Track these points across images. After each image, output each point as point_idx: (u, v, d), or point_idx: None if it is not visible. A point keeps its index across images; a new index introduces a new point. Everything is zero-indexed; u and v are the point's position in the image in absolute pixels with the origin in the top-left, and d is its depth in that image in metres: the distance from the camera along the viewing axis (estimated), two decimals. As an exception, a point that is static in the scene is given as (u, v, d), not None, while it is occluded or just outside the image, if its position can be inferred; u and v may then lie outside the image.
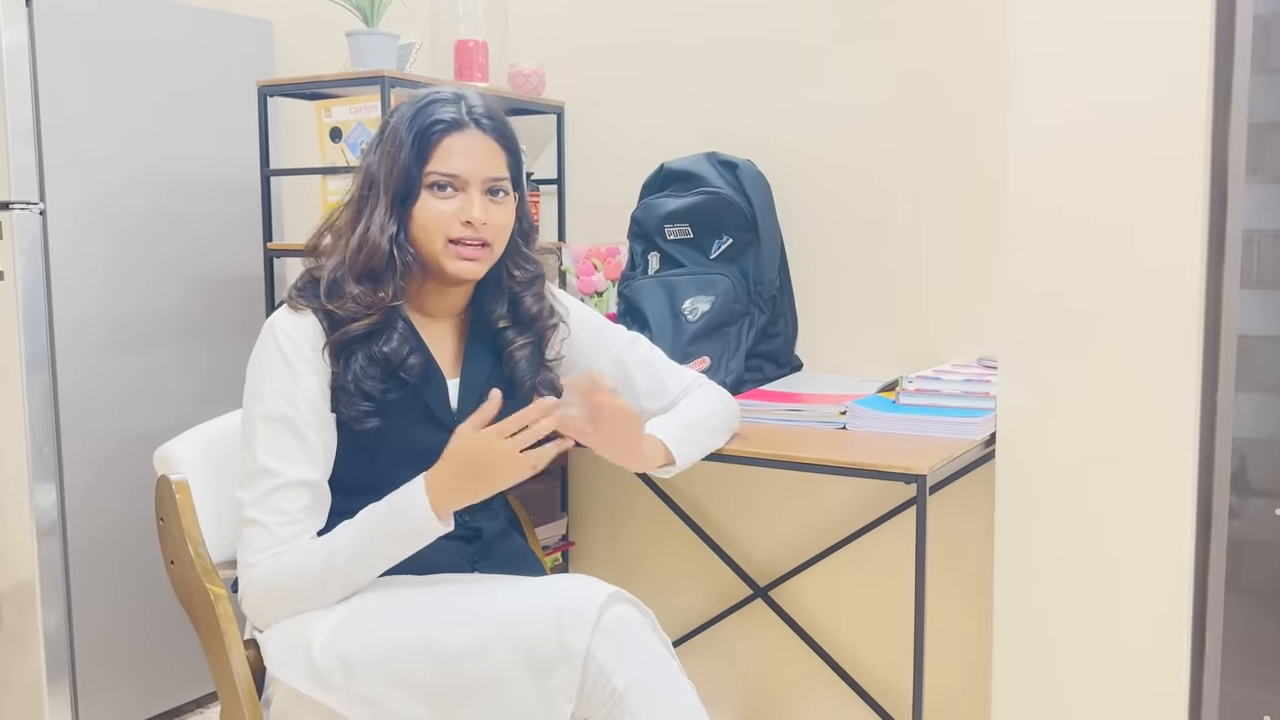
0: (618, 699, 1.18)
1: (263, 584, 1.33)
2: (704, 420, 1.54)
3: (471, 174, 1.38)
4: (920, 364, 2.01)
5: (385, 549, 1.31)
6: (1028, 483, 1.56)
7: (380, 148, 1.39)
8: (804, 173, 2.12)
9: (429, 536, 1.31)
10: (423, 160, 1.37)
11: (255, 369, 1.38)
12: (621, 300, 2.10)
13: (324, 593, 1.33)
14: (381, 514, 1.32)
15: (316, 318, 1.37)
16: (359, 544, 1.31)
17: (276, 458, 1.33)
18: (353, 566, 1.31)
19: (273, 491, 1.33)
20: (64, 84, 2.13)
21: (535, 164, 2.45)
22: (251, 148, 2.43)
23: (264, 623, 1.37)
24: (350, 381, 1.36)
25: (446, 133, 1.37)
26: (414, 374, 1.39)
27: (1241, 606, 1.57)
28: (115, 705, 2.27)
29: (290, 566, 1.32)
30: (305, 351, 1.36)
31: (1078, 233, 1.50)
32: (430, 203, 1.38)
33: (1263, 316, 1.53)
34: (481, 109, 1.41)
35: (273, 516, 1.33)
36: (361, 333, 1.36)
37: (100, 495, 2.23)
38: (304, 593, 1.33)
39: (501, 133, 1.42)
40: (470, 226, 1.37)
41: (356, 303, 1.36)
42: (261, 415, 1.35)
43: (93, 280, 2.20)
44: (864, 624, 2.15)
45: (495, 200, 1.41)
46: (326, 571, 1.31)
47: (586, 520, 2.44)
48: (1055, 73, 1.49)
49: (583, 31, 2.34)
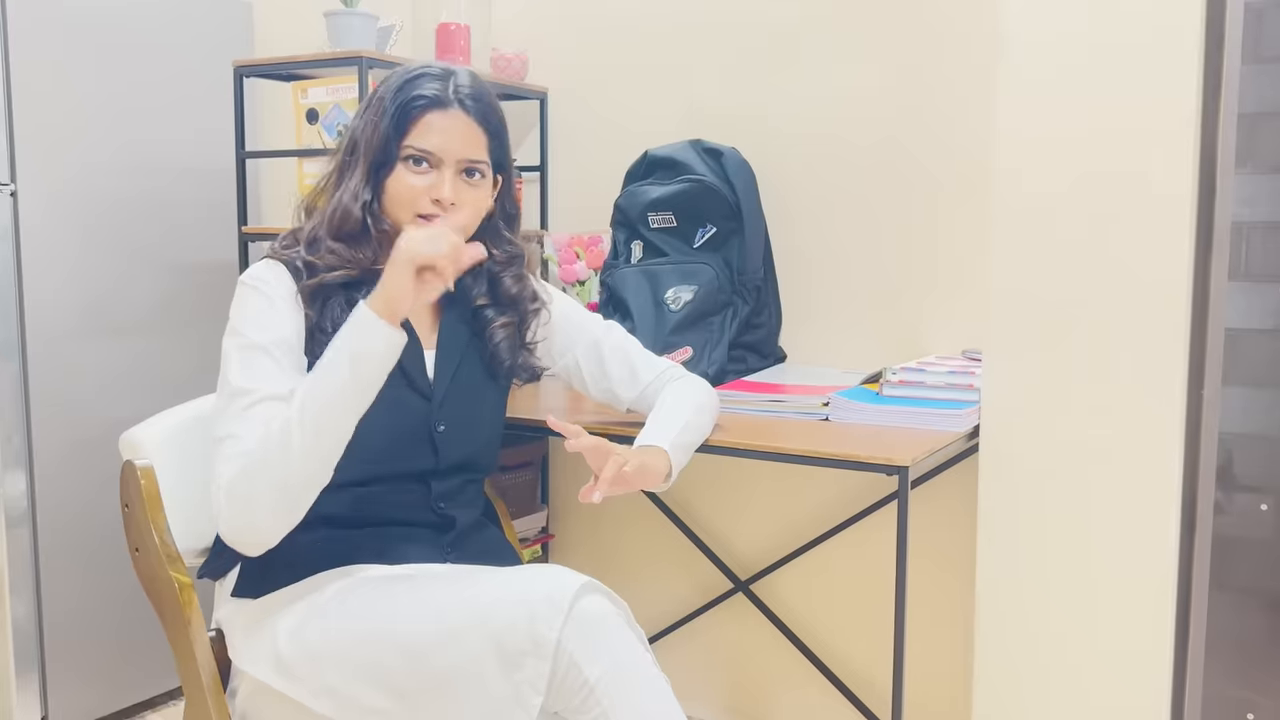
0: (589, 691, 1.16)
1: (232, 483, 1.23)
2: (695, 419, 1.52)
3: (447, 153, 1.37)
4: (904, 356, 1.99)
5: (341, 373, 1.23)
6: (1011, 476, 1.54)
7: (366, 113, 1.40)
8: (789, 162, 2.11)
9: (375, 342, 1.23)
10: (401, 132, 1.36)
11: (233, 312, 1.35)
12: (604, 289, 2.08)
13: (301, 465, 1.22)
14: (332, 344, 1.26)
15: (294, 267, 1.37)
16: (316, 382, 1.24)
17: (251, 379, 1.28)
18: (317, 412, 1.22)
19: (248, 408, 1.26)
20: (36, 63, 2.09)
21: (518, 150, 2.42)
22: (227, 129, 2.39)
23: (248, 534, 1.25)
24: (329, 322, 1.34)
25: (428, 109, 1.37)
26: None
27: (1226, 603, 1.56)
28: (85, 697, 2.24)
29: (257, 450, 1.23)
30: (282, 292, 1.35)
31: (1064, 224, 1.48)
32: (403, 175, 1.37)
33: (1250, 309, 1.51)
34: (468, 89, 1.40)
35: (244, 427, 1.25)
36: (340, 281, 1.36)
37: (71, 484, 2.19)
38: (274, 464, 1.22)
39: (485, 115, 1.41)
40: (439, 205, 1.37)
41: (335, 255, 1.37)
42: (236, 347, 1.30)
43: (64, 264, 2.16)
44: (845, 618, 2.13)
45: (469, 181, 1.39)
46: (296, 433, 1.21)
47: (566, 512, 2.42)
48: (1044, 63, 1.48)
49: (566, 17, 2.32)
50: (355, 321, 1.25)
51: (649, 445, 1.43)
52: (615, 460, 1.32)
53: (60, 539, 2.18)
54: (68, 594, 2.19)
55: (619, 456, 1.33)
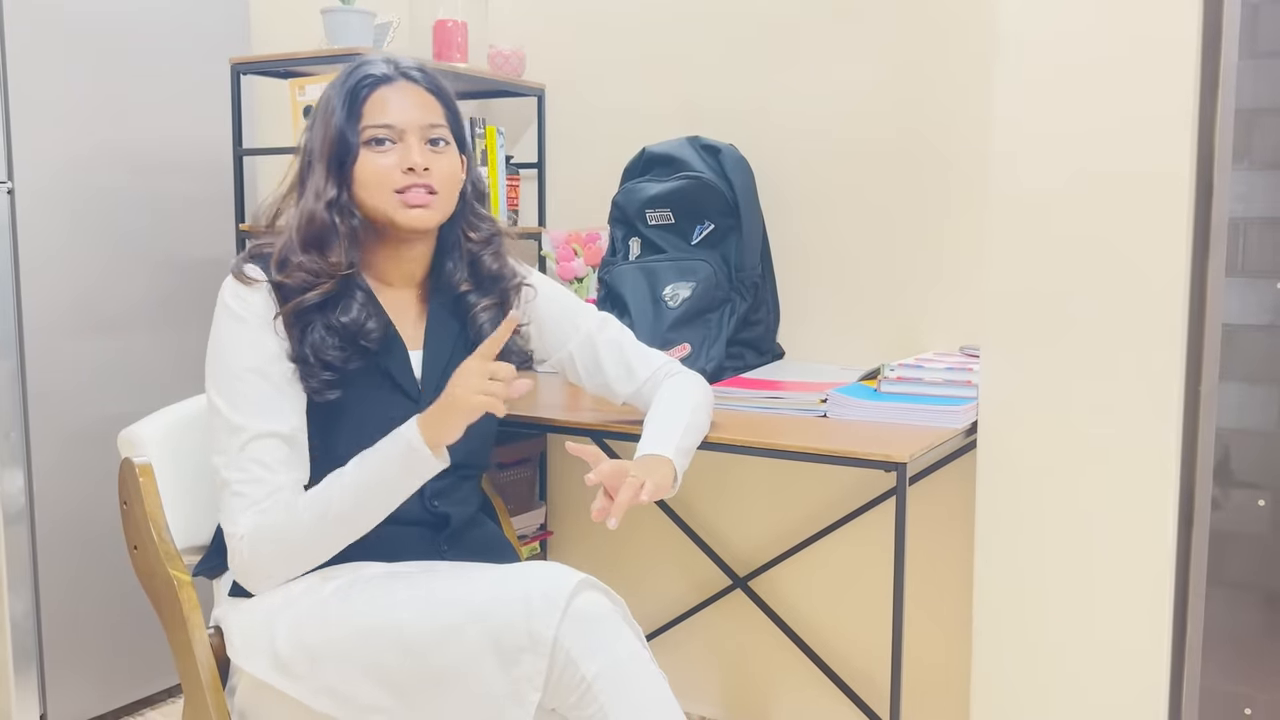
0: (586, 688, 1.16)
1: (253, 548, 1.29)
2: (694, 419, 1.52)
3: (407, 122, 1.36)
4: (902, 352, 1.99)
5: (378, 490, 1.29)
6: (1009, 472, 1.54)
7: (315, 122, 1.39)
8: (787, 159, 2.10)
9: (420, 469, 1.28)
10: (355, 117, 1.35)
11: (212, 342, 1.36)
12: (602, 286, 2.07)
13: (319, 547, 1.30)
14: (373, 454, 1.29)
15: (267, 290, 1.35)
16: (351, 491, 1.28)
17: (241, 413, 1.30)
18: (348, 515, 1.28)
19: (243, 447, 1.29)
20: (33, 59, 2.08)
21: (515, 147, 2.41)
22: (224, 126, 2.39)
23: (260, 588, 1.33)
24: (310, 352, 1.33)
25: (375, 86, 1.37)
26: (374, 340, 1.36)
27: (1223, 598, 1.56)
28: (84, 695, 2.24)
29: (279, 525, 1.29)
30: (263, 317, 1.34)
31: (1062, 220, 1.48)
32: (369, 159, 1.36)
33: (1247, 305, 1.51)
34: (413, 64, 1.41)
35: (246, 474, 1.29)
36: (316, 302, 1.34)
37: (68, 481, 2.19)
38: (298, 550, 1.30)
39: (435, 85, 1.41)
40: (413, 173, 1.35)
41: (305, 270, 1.34)
42: (223, 376, 1.32)
43: (62, 261, 2.15)
44: (843, 614, 2.13)
45: (436, 149, 1.39)
46: (319, 525, 1.28)
47: (565, 509, 2.42)
48: (1040, 59, 1.47)
49: (564, 13, 2.31)
50: (401, 441, 1.28)
51: (654, 454, 1.42)
52: (631, 486, 1.30)
53: (58, 536, 2.17)
54: (66, 592, 2.19)
55: (635, 479, 1.32)
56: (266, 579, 1.32)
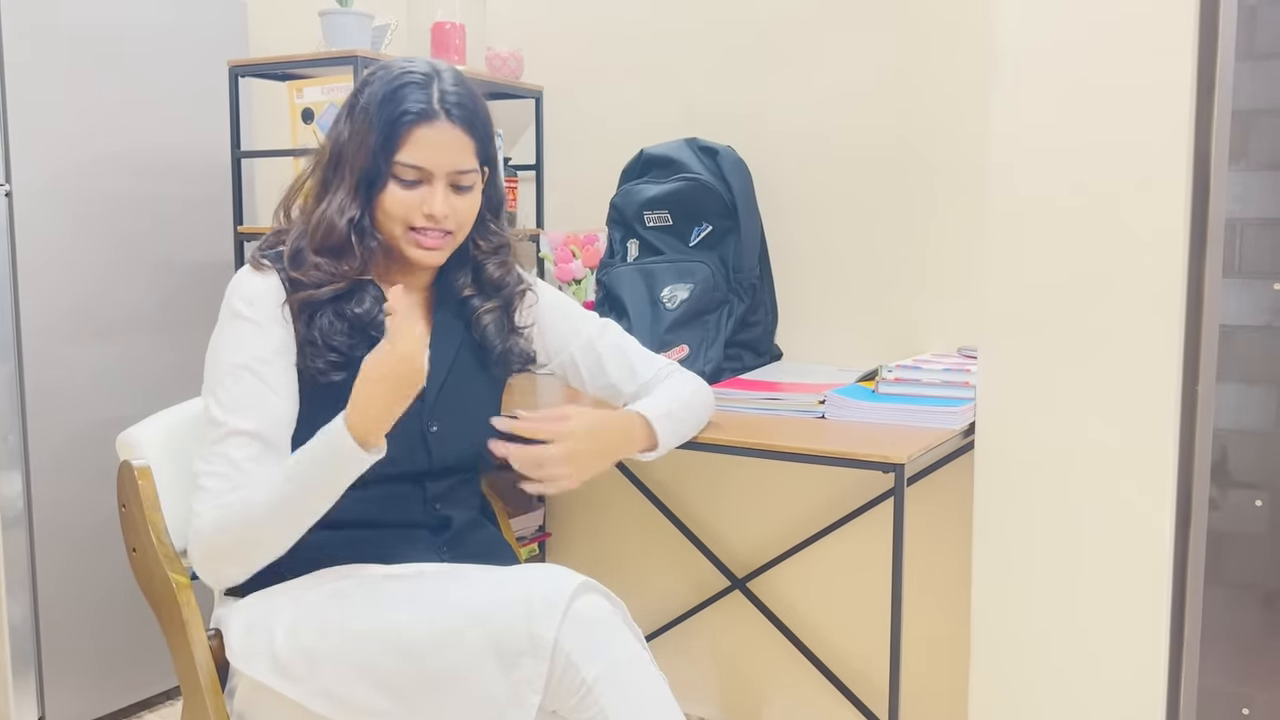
0: (587, 690, 1.16)
1: (205, 535, 1.29)
2: (688, 401, 1.53)
3: (437, 167, 1.36)
4: (900, 353, 1.99)
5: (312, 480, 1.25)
6: (1007, 473, 1.54)
7: (351, 123, 1.38)
8: (785, 160, 2.11)
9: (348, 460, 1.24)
10: (390, 150, 1.35)
11: (217, 331, 1.37)
12: (600, 288, 2.08)
13: (266, 538, 1.28)
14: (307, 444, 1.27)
15: (280, 278, 1.37)
16: (289, 482, 1.26)
17: (224, 408, 1.31)
18: (288, 504, 1.26)
19: (218, 442, 1.31)
20: (31, 62, 2.08)
21: (513, 149, 2.41)
22: (223, 129, 2.39)
23: (214, 579, 1.33)
24: (317, 334, 1.35)
25: (415, 124, 1.35)
26: (383, 331, 1.36)
27: (1221, 598, 1.56)
28: (82, 697, 2.24)
29: (233, 513, 1.28)
30: (269, 308, 1.35)
31: (1059, 222, 1.48)
32: (396, 192, 1.36)
33: (1244, 306, 1.52)
34: (454, 96, 1.38)
35: (212, 467, 1.30)
36: (328, 296, 1.36)
37: (67, 484, 2.19)
38: (246, 539, 1.28)
39: (472, 122, 1.39)
40: (432, 219, 1.37)
41: (320, 271, 1.36)
42: (214, 370, 1.34)
43: (60, 264, 2.15)
44: (842, 615, 2.14)
45: (460, 193, 1.39)
46: (265, 514, 1.26)
47: (564, 511, 2.42)
48: (1038, 60, 1.48)
49: (562, 15, 2.31)
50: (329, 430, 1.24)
51: (631, 411, 1.44)
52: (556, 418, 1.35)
53: (56, 539, 2.17)
54: (64, 594, 2.19)
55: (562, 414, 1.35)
56: (214, 568, 1.31)
